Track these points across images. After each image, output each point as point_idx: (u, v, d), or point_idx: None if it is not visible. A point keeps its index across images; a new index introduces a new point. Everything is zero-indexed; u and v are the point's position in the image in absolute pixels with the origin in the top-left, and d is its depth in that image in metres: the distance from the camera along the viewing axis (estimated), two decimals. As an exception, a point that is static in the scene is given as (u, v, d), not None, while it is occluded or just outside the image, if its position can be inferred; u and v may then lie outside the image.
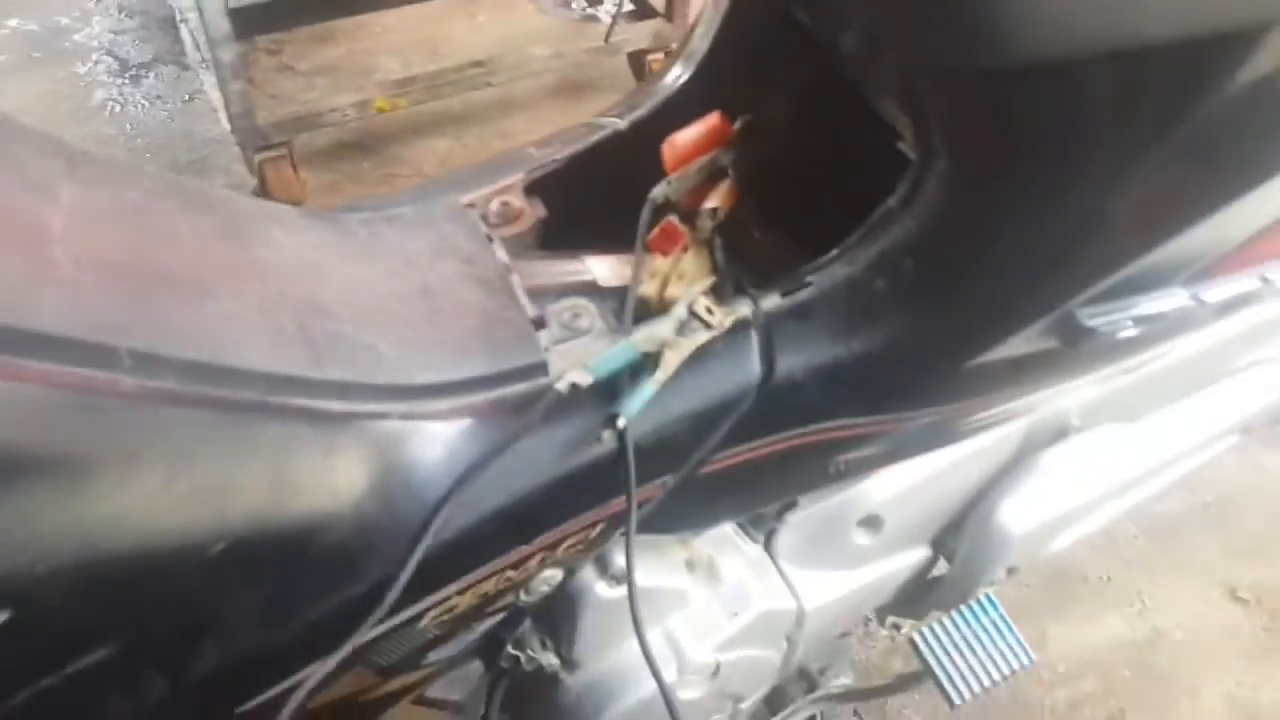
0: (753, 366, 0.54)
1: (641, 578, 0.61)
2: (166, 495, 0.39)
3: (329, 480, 0.44)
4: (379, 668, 0.58)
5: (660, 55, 1.89)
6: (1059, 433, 0.75)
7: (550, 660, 0.62)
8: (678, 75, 0.66)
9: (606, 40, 1.78)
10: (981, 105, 0.47)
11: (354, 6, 1.87)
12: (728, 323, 0.52)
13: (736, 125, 0.60)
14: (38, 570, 0.35)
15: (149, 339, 0.38)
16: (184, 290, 0.41)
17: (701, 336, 0.52)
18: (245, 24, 1.42)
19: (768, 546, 0.69)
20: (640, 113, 0.66)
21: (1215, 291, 0.54)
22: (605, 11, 2.12)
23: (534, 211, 0.61)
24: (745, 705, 0.73)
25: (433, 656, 0.61)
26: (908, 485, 0.69)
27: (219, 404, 0.40)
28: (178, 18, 1.73)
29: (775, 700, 0.86)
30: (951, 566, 0.76)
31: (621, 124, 0.66)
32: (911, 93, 0.51)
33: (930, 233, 0.52)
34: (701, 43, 0.66)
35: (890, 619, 0.89)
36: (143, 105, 1.89)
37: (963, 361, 0.55)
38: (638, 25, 1.84)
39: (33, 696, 0.38)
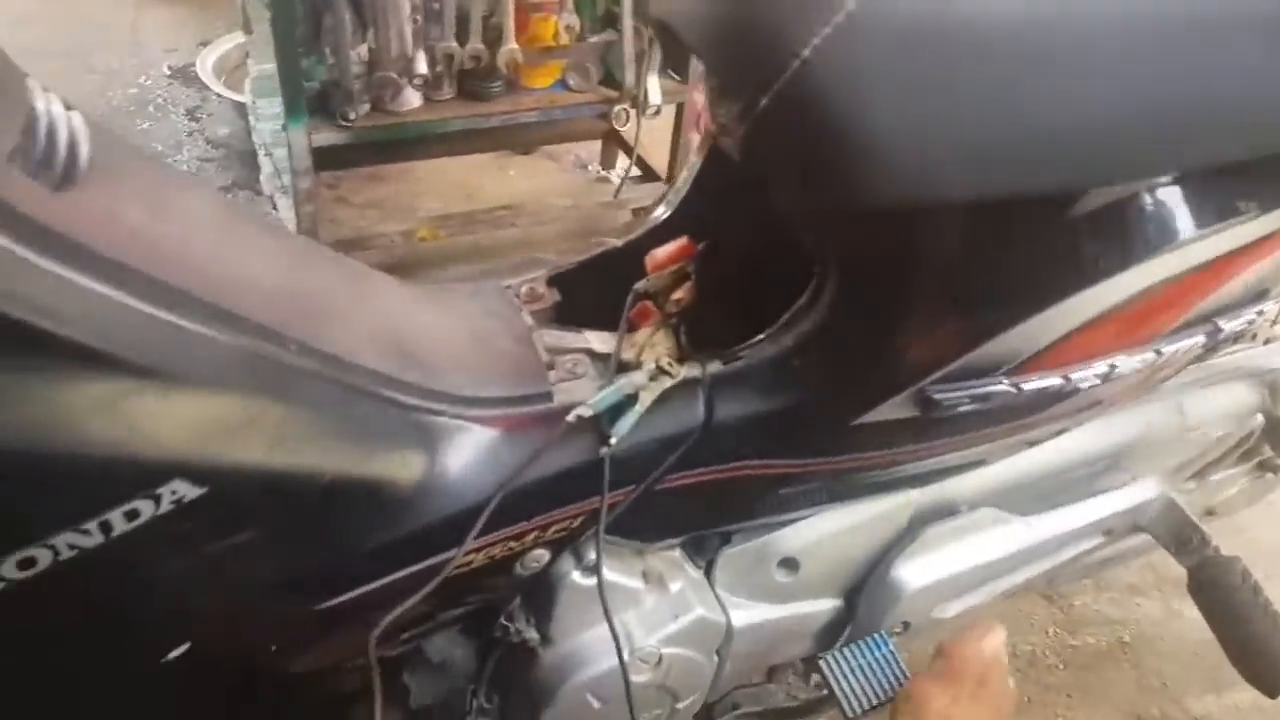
0: (698, 411, 0.75)
1: (608, 574, 0.81)
2: (305, 436, 0.59)
3: (400, 450, 0.65)
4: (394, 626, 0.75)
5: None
6: (948, 511, 0.96)
7: (532, 635, 0.80)
8: (661, 212, 0.91)
9: (615, 197, 2.09)
10: (852, 237, 0.70)
11: (403, 155, 2.18)
12: (682, 375, 0.74)
13: (700, 247, 0.84)
14: (227, 463, 0.55)
15: (306, 336, 0.60)
16: (329, 311, 0.64)
17: (666, 383, 0.74)
18: (320, 161, 1.71)
19: (707, 572, 0.89)
20: (632, 236, 0.90)
21: (1029, 383, 0.76)
22: (616, 175, 2.46)
23: (552, 296, 0.85)
24: (681, 706, 0.89)
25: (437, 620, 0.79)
26: (819, 536, 0.89)
27: (344, 385, 0.61)
28: (260, 152, 2.04)
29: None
30: (855, 617, 0.94)
31: (618, 243, 0.90)
32: (812, 225, 0.74)
33: (826, 324, 0.74)
34: (681, 189, 0.91)
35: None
36: (215, 222, 2.17)
37: (849, 420, 0.77)
38: (643, 186, 2.15)
39: (197, 560, 0.58)
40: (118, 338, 0.49)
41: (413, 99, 1.81)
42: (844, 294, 0.73)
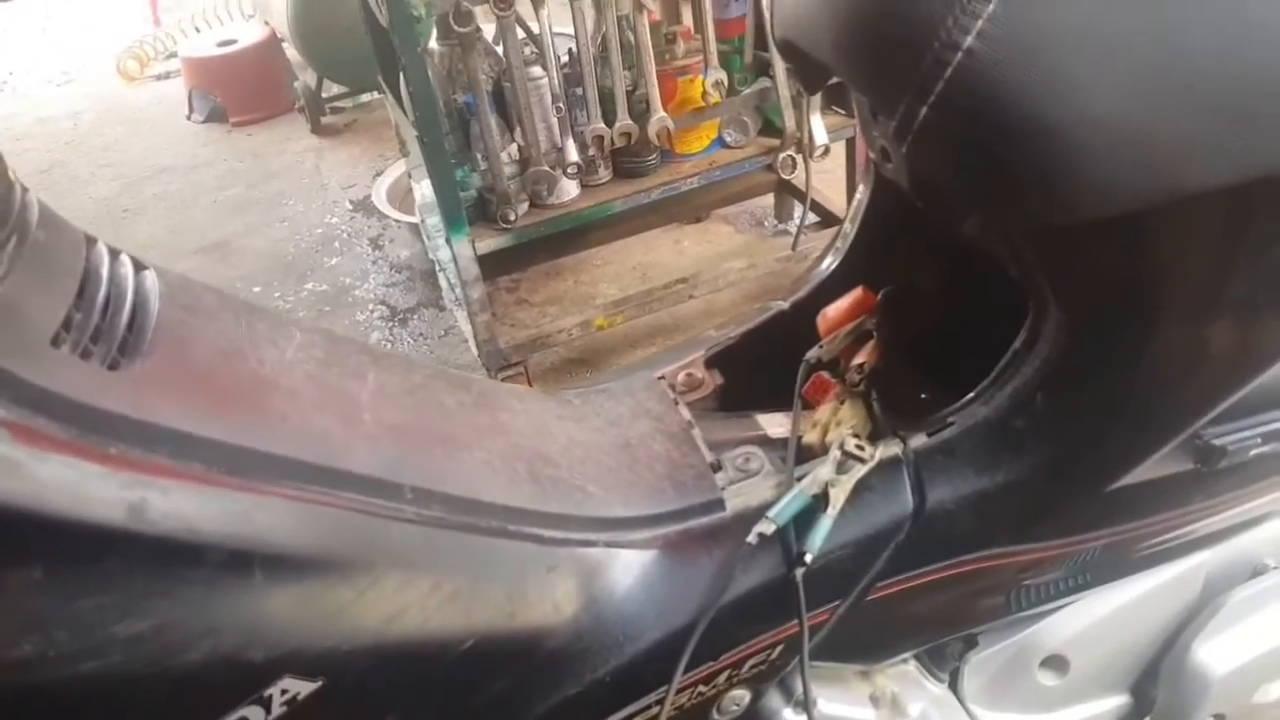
0: (905, 499, 0.61)
1: (827, 706, 0.67)
2: (432, 598, 0.51)
3: (551, 594, 0.55)
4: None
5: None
6: (1252, 570, 0.75)
7: (746, 787, 0.68)
8: (830, 262, 0.78)
9: (794, 249, 1.97)
10: (1068, 257, 0.55)
11: (574, 246, 2.17)
12: (878, 456, 0.61)
13: (879, 296, 0.71)
14: (342, 649, 0.48)
15: (424, 479, 0.52)
16: (449, 444, 0.56)
17: (859, 471, 0.61)
18: (490, 267, 1.71)
19: (952, 685, 0.73)
20: (799, 295, 0.78)
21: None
22: (794, 226, 2.34)
23: (713, 380, 0.73)
24: None
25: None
26: (1088, 624, 0.71)
27: (472, 529, 0.53)
28: (437, 269, 2.09)
29: None
30: (1152, 716, 0.75)
31: (784, 305, 0.78)
32: (1014, 250, 0.59)
33: (1052, 371, 0.59)
34: (849, 232, 0.78)
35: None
36: (409, 342, 2.26)
37: (1102, 487, 0.60)
38: (824, 233, 2.02)
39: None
40: (198, 523, 0.42)
41: (570, 189, 1.78)
42: (1071, 330, 0.57)
